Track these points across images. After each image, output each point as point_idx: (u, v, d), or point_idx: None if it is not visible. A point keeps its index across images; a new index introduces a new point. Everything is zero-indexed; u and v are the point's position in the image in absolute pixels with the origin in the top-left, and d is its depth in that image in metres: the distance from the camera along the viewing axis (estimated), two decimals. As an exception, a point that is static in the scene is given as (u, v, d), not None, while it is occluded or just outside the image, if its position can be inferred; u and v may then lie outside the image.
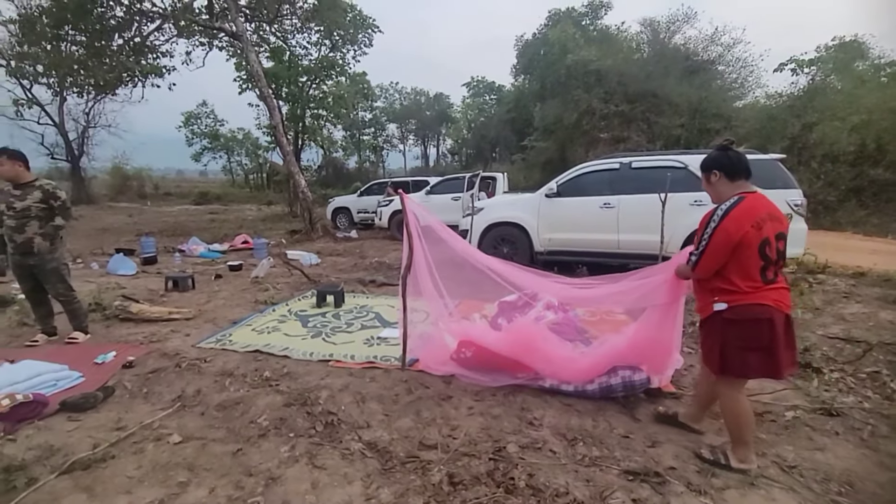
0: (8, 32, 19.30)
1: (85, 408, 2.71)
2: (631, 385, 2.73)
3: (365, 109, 31.09)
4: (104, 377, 3.15)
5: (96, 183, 26.51)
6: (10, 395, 2.57)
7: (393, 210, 10.85)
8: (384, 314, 4.64)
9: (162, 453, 2.31)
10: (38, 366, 3.13)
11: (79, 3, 9.64)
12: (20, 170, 3.65)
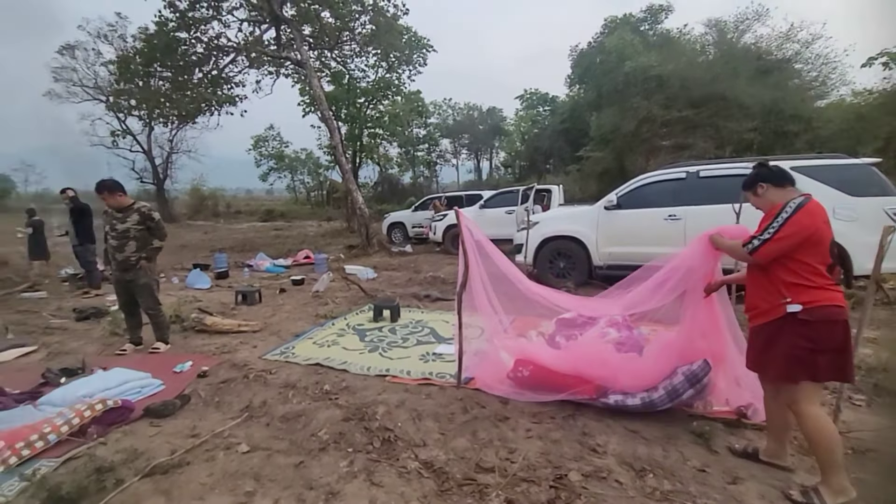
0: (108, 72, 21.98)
1: (165, 414, 2.92)
2: (693, 375, 2.57)
3: (419, 126, 31.87)
4: (181, 385, 3.38)
5: (177, 203, 29.11)
6: (103, 400, 2.82)
7: (447, 224, 10.93)
8: (439, 330, 4.64)
9: (231, 462, 2.43)
10: (127, 373, 3.42)
11: (166, 42, 10.81)
12: (120, 198, 4.14)
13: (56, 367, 3.66)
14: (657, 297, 2.70)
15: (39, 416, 2.79)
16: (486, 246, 3.22)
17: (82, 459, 2.41)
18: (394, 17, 12.33)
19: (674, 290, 2.65)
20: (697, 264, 2.57)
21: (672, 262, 2.70)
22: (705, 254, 2.53)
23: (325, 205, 32.09)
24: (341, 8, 11.65)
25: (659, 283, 2.70)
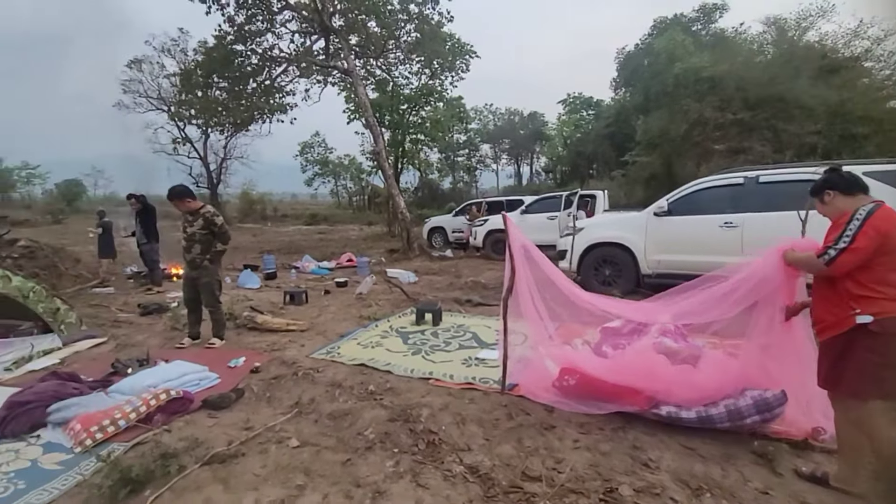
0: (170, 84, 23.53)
1: (221, 406, 3.07)
2: (764, 403, 2.40)
3: (460, 132, 32.03)
4: (236, 380, 3.54)
5: (228, 207, 30.57)
6: (167, 390, 3.00)
7: (488, 230, 10.91)
8: (481, 335, 4.63)
9: (283, 455, 2.51)
10: (186, 366, 3.63)
11: (224, 55, 11.48)
12: (189, 203, 4.46)
13: (124, 358, 3.93)
14: (720, 309, 2.56)
15: (110, 402, 3.00)
16: (532, 251, 3.19)
17: (149, 445, 2.57)
18: (438, 25, 12.51)
19: (739, 302, 2.50)
20: (769, 277, 2.41)
21: (740, 274, 2.54)
22: (778, 268, 2.38)
23: (366, 209, 32.86)
24: (387, 17, 11.94)
25: (724, 295, 2.56)
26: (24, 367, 3.96)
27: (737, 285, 2.51)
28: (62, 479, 2.36)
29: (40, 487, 2.29)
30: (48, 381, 3.17)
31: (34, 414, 2.83)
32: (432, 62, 14.35)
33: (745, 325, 2.58)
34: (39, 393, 2.97)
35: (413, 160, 22.08)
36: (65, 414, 2.86)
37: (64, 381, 3.22)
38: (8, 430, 2.75)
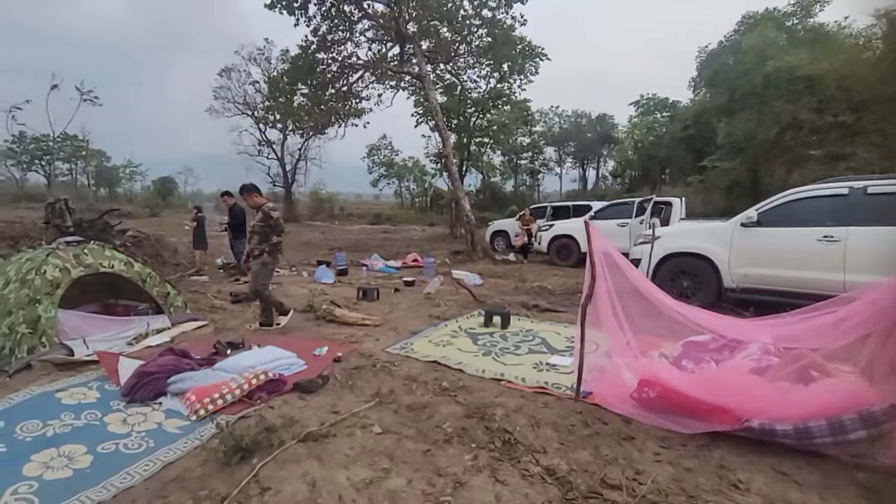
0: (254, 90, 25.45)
1: (311, 391, 3.34)
2: (869, 417, 2.21)
3: (524, 134, 31.78)
4: (320, 367, 3.82)
5: (300, 205, 32.48)
6: (265, 371, 3.32)
7: (553, 235, 10.76)
8: (551, 340, 4.62)
9: (368, 440, 2.70)
10: (278, 351, 3.97)
11: (308, 64, 12.32)
12: (254, 198, 5.06)
13: (224, 340, 4.37)
14: (828, 337, 2.39)
15: (217, 378, 3.36)
16: (617, 258, 3.16)
17: (253, 419, 2.87)
18: (510, 29, 12.55)
19: (850, 332, 2.31)
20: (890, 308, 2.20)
21: (857, 302, 2.34)
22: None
23: (428, 210, 33.50)
24: (459, 23, 12.17)
25: (835, 323, 2.37)
26: (143, 343, 4.52)
27: (851, 314, 2.32)
28: (183, 441, 2.70)
29: (166, 447, 2.64)
30: (166, 356, 3.61)
31: (158, 384, 3.25)
32: (501, 65, 14.41)
33: (854, 353, 2.39)
34: (161, 365, 3.40)
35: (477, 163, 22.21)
36: (181, 385, 3.25)
37: (179, 356, 3.66)
38: (138, 396, 3.18)
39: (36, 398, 3.20)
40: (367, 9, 12.17)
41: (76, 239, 5.07)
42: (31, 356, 3.81)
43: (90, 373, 3.69)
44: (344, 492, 2.21)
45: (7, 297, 4.04)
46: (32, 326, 3.92)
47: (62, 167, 36.01)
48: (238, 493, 2.17)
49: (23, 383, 3.48)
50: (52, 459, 2.49)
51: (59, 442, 2.66)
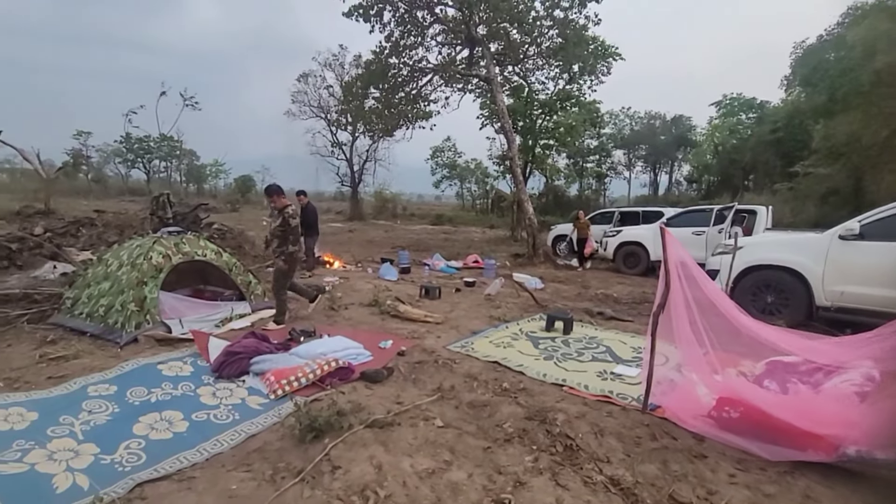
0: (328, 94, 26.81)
1: (377, 380, 3.50)
2: None
3: (592, 137, 30.75)
4: (385, 359, 3.98)
5: (364, 204, 33.67)
6: (335, 359, 3.53)
7: (620, 241, 10.35)
8: (615, 349, 4.47)
9: (430, 432, 2.79)
10: (346, 341, 4.19)
11: (381, 69, 12.82)
12: (279, 199, 5.12)
13: (297, 328, 4.68)
14: None
15: (293, 362, 3.62)
16: (692, 268, 3.01)
17: (325, 402, 3.06)
18: (583, 29, 12.24)
19: None
20: None
21: None
22: None
23: (489, 212, 33.42)
24: (530, 24, 12.06)
25: None
26: (228, 326, 4.96)
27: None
28: (263, 417, 2.95)
29: (249, 420, 2.89)
30: (249, 339, 3.95)
31: (242, 363, 3.57)
32: (571, 66, 14.09)
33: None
34: (245, 347, 3.72)
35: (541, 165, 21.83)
36: (262, 366, 3.54)
37: (259, 340, 3.98)
38: (225, 373, 3.50)
39: (142, 368, 3.63)
40: (438, 14, 12.43)
41: (176, 229, 5.65)
42: (137, 331, 4.31)
43: (185, 349, 4.11)
44: (408, 478, 2.30)
45: (120, 278, 4.60)
46: (139, 305, 4.44)
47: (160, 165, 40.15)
48: (312, 469, 2.34)
49: (131, 354, 3.96)
50: (155, 422, 2.82)
51: (161, 407, 3.01)
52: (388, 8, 12.07)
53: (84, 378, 3.37)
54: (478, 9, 11.36)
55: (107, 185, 37.03)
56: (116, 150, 38.18)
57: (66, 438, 2.58)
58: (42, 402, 2.98)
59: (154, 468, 2.33)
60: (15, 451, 2.42)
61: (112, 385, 3.28)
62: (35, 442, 2.51)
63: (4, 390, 3.17)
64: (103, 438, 2.59)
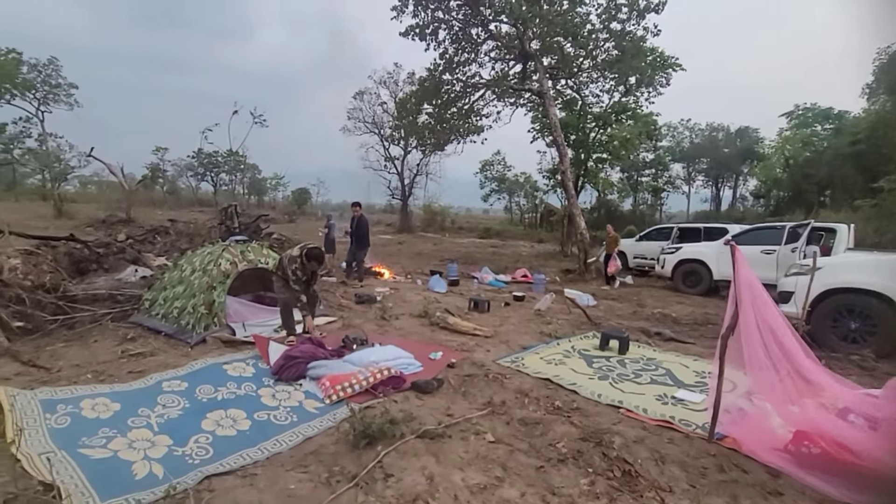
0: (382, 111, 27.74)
1: (427, 391, 3.51)
2: None
3: (648, 150, 29.66)
4: (435, 371, 4.00)
5: (413, 217, 34.23)
6: (388, 368, 3.59)
7: (679, 259, 9.85)
8: (676, 372, 4.23)
9: (481, 446, 2.75)
10: (398, 351, 4.25)
11: (435, 85, 13.14)
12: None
13: (351, 336, 4.81)
14: None
15: (347, 369, 3.72)
16: (755, 289, 2.78)
17: (378, 409, 3.11)
18: (641, 40, 11.94)
19: None
20: None
21: None
22: None
23: (538, 227, 32.96)
24: (585, 37, 11.93)
25: None
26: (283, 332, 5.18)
27: None
28: (319, 420, 3.04)
29: (306, 423, 3.00)
30: (306, 345, 4.10)
31: (299, 367, 3.71)
32: (627, 79, 13.74)
33: None
34: (303, 352, 3.87)
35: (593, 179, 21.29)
36: (318, 371, 3.67)
37: (316, 346, 4.12)
38: (284, 376, 3.66)
39: (210, 367, 3.86)
40: (492, 30, 12.59)
41: (242, 238, 6.03)
42: (206, 332, 4.61)
43: (247, 351, 4.34)
44: (459, 492, 2.28)
45: (193, 283, 4.95)
46: (208, 308, 4.75)
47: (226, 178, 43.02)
48: (365, 475, 2.38)
49: (200, 354, 4.23)
50: (221, 419, 2.99)
51: (226, 405, 3.19)
52: (442, 27, 12.39)
53: (159, 374, 3.64)
54: (532, 24, 11.38)
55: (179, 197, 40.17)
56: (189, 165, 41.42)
57: (143, 429, 2.79)
58: (123, 395, 3.24)
59: (220, 462, 2.47)
60: (101, 437, 2.65)
61: (183, 382, 3.51)
62: (117, 431, 2.73)
63: (92, 382, 3.48)
64: (176, 431, 2.78)
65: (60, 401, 3.02)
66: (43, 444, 2.52)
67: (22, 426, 2.60)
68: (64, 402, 3.01)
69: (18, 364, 3.75)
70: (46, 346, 4.28)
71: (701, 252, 9.65)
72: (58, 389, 3.21)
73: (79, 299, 5.45)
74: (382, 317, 6.04)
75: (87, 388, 3.30)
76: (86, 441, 2.59)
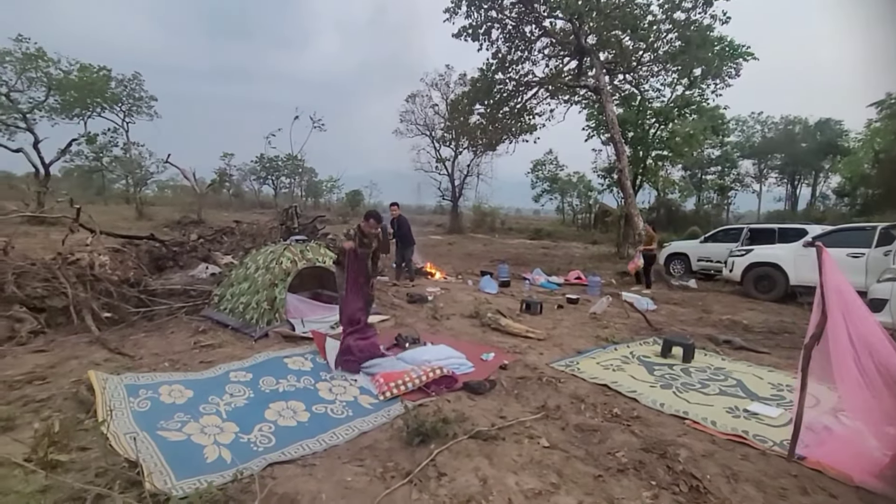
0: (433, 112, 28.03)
1: (479, 392, 3.48)
2: None
3: (713, 146, 27.82)
4: (487, 372, 3.96)
5: (463, 217, 34.25)
6: (441, 367, 3.59)
7: (751, 262, 9.14)
8: (749, 384, 3.91)
9: (535, 451, 2.68)
10: (450, 351, 4.25)
11: (487, 85, 13.08)
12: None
13: (403, 334, 4.87)
14: None
15: (400, 367, 3.77)
16: (848, 297, 2.50)
17: (431, 408, 3.12)
18: (707, 29, 11.21)
19: None
20: None
21: None
22: None
23: (591, 227, 31.92)
24: (645, 29, 11.39)
25: None
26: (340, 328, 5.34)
27: None
28: (374, 416, 3.10)
29: (361, 418, 3.06)
30: (361, 342, 4.20)
31: (357, 363, 3.81)
32: (691, 71, 12.93)
33: None
34: (361, 349, 3.96)
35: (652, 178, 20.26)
36: (372, 368, 3.74)
37: (370, 343, 4.21)
38: (343, 367, 3.77)
39: (271, 360, 4.05)
40: (547, 27, 12.34)
41: (302, 237, 6.29)
42: (268, 327, 4.85)
43: (306, 346, 4.51)
44: (513, 496, 2.24)
45: (256, 280, 5.23)
46: (270, 304, 4.99)
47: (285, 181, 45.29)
48: (419, 472, 2.38)
49: (262, 347, 4.45)
50: (282, 410, 3.12)
51: (287, 397, 3.33)
52: (496, 26, 12.31)
53: (227, 365, 3.87)
54: (588, 18, 11.02)
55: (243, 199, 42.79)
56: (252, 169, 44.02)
57: (213, 416, 2.97)
58: (196, 383, 3.47)
59: (282, 451, 2.57)
60: (176, 421, 2.85)
61: (248, 373, 3.71)
62: (191, 416, 2.93)
63: (169, 370, 3.76)
64: (242, 419, 2.93)
65: (142, 386, 3.28)
66: (127, 424, 2.74)
67: (112, 407, 2.85)
68: (145, 387, 3.27)
69: (106, 351, 4.13)
70: (130, 335, 4.69)
71: (775, 255, 8.90)
72: (140, 375, 3.49)
73: (157, 293, 5.94)
74: (434, 316, 6.07)
75: (164, 375, 3.57)
76: (163, 424, 2.79)
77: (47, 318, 4.76)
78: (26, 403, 3.01)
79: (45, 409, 2.95)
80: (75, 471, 2.24)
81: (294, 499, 2.16)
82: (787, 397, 3.58)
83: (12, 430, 2.62)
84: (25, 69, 21.12)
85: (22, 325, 4.48)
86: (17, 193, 13.52)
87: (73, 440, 2.48)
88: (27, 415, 2.86)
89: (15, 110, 21.36)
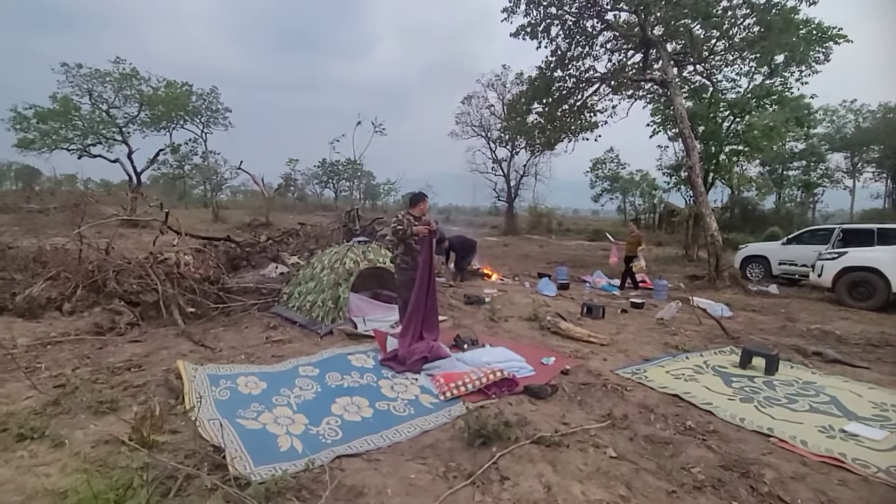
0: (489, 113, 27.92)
1: (540, 397, 3.41)
2: None
3: (797, 139, 25.37)
4: (548, 376, 3.87)
5: (519, 219, 33.78)
6: (501, 370, 3.56)
7: (844, 266, 8.24)
8: (845, 401, 3.52)
9: (601, 461, 2.58)
10: (509, 353, 4.20)
11: (546, 83, 12.82)
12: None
13: (461, 335, 4.88)
14: None
15: (460, 367, 3.79)
16: None
17: (491, 410, 3.10)
18: (791, 11, 10.24)
19: None
20: None
21: None
22: None
23: (655, 228, 30.28)
24: (718, 16, 10.60)
25: None
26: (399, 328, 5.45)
27: None
28: (435, 416, 3.12)
29: (423, 417, 3.10)
30: (422, 342, 4.26)
31: (420, 362, 3.87)
32: (772, 58, 11.85)
33: None
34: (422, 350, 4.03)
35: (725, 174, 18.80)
36: (433, 370, 3.79)
37: (431, 343, 4.26)
38: (408, 367, 3.85)
39: (336, 356, 4.22)
40: (609, 20, 11.88)
41: (364, 239, 6.50)
42: (333, 325, 5.06)
43: (367, 344, 4.65)
44: (580, 506, 2.16)
45: (322, 279, 5.47)
46: (335, 303, 5.20)
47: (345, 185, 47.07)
48: (481, 474, 2.37)
49: (328, 344, 4.64)
50: (348, 405, 3.24)
51: (351, 393, 3.45)
52: (555, 23, 12.02)
53: (296, 360, 4.07)
54: (655, 8, 10.46)
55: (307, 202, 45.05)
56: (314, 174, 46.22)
57: (285, 407, 3.14)
58: (269, 375, 3.68)
59: (348, 445, 2.67)
60: (252, 411, 3.04)
61: (315, 368, 3.88)
62: (265, 406, 3.11)
63: (245, 362, 4.03)
64: (311, 412, 3.07)
65: (222, 376, 3.54)
66: (210, 412, 2.97)
67: (201, 394, 3.10)
68: (225, 377, 3.53)
69: (191, 343, 4.50)
70: (210, 329, 5.07)
71: (875, 258, 7.96)
72: (221, 366, 3.76)
73: (233, 291, 6.38)
74: (491, 318, 6.03)
75: (241, 367, 3.82)
76: (241, 413, 2.99)
77: (141, 311, 5.28)
78: (126, 388, 3.35)
79: (141, 393, 3.27)
80: (168, 451, 2.46)
81: (361, 492, 2.23)
82: (893, 418, 3.19)
83: (116, 412, 2.92)
84: (122, 87, 23.71)
85: (121, 318, 5.00)
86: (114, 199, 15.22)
87: (166, 423, 2.72)
88: (127, 398, 3.17)
89: (113, 125, 24.04)
